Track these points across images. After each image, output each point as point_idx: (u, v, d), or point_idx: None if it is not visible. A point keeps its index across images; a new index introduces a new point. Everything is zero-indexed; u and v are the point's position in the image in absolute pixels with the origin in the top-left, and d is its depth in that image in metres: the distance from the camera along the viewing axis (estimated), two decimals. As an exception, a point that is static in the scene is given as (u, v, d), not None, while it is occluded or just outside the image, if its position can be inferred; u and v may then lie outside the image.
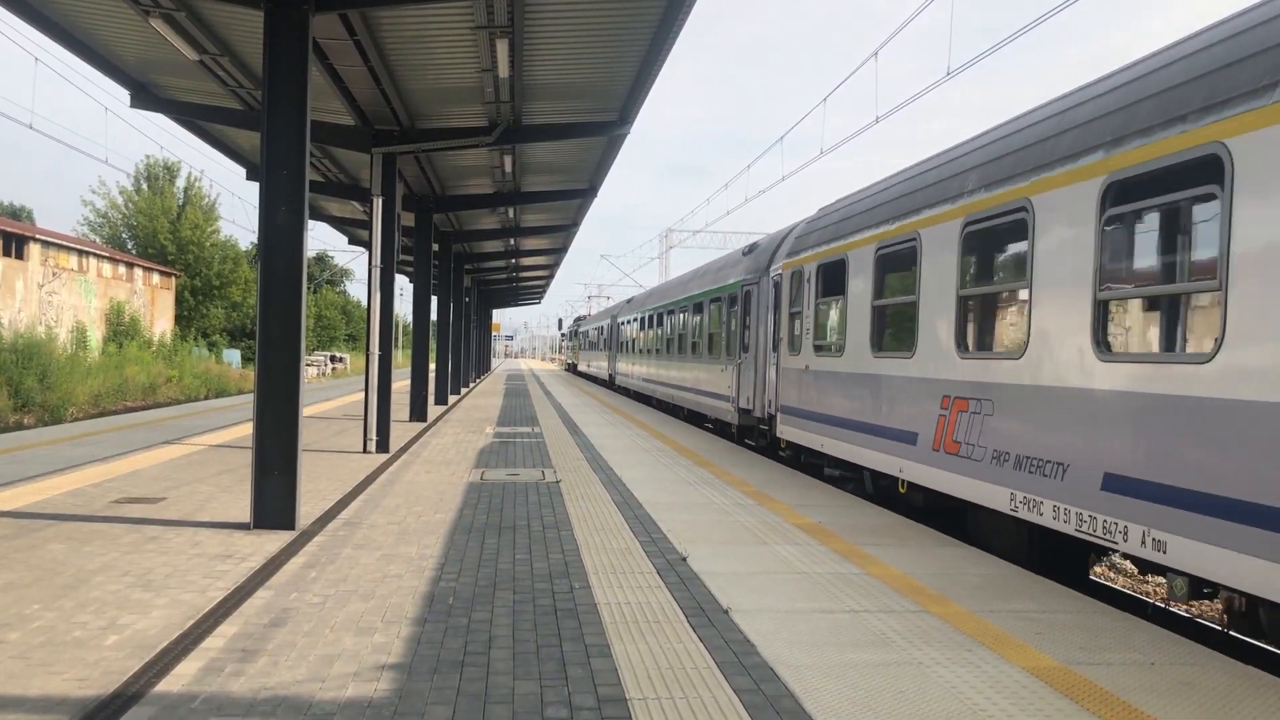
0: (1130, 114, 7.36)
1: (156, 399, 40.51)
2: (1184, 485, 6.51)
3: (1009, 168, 9.12)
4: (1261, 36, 6.24)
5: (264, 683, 5.11)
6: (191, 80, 14.60)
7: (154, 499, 10.84)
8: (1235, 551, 6.02)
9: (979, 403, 9.35)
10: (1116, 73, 8.25)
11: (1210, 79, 6.53)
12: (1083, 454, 7.68)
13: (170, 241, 70.25)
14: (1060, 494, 7.93)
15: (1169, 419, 6.73)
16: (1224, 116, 6.24)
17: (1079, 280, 7.84)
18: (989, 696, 5.06)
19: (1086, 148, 7.88)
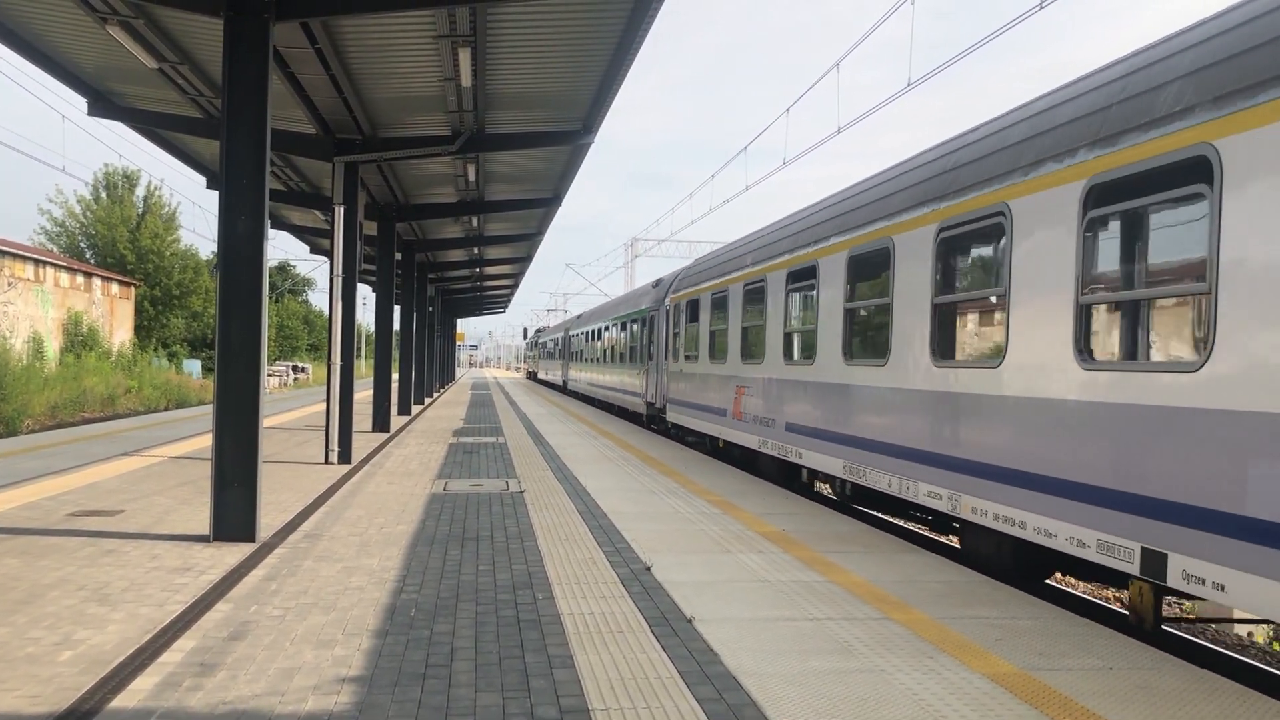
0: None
1: (116, 410, 39.97)
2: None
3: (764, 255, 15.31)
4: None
5: (222, 697, 5.05)
6: (150, 88, 14.46)
7: (111, 512, 10.70)
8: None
9: (750, 387, 15.44)
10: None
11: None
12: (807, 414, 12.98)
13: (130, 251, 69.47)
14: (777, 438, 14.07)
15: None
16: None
17: (834, 314, 12.13)
18: (950, 703, 5.09)
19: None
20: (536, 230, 30.64)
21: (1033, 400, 7.84)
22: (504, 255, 37.84)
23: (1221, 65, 6.26)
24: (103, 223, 70.45)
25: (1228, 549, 5.76)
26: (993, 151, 8.89)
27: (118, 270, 67.20)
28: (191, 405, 43.63)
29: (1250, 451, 5.68)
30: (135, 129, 16.89)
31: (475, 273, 44.03)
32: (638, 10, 11.38)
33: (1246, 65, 6.02)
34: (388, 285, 23.04)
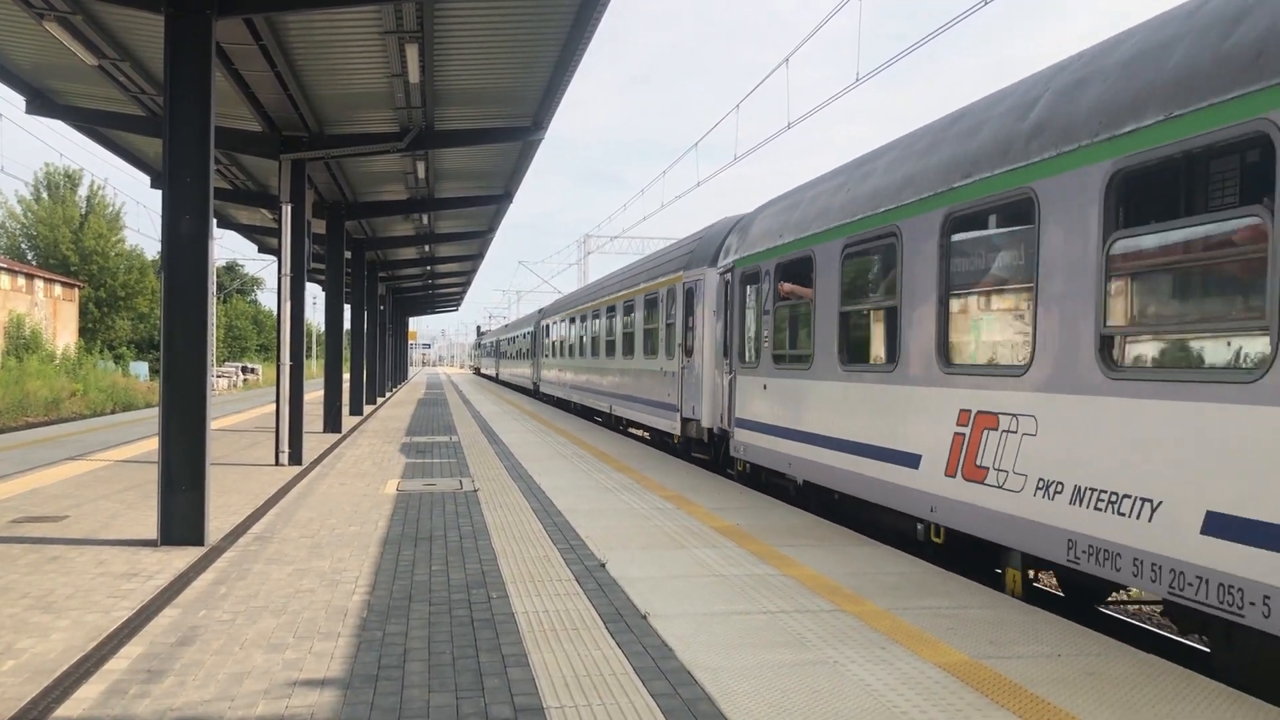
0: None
1: (60, 414, 39.22)
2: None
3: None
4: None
5: (170, 704, 4.97)
6: (91, 86, 14.20)
7: (56, 517, 10.50)
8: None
9: None
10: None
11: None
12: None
13: (73, 252, 68.33)
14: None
15: None
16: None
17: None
18: (902, 693, 5.13)
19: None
20: (488, 228, 30.50)
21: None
22: (455, 253, 37.63)
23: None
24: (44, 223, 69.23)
25: None
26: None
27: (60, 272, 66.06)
28: (139, 408, 42.94)
29: None
30: (76, 127, 16.59)
31: (427, 270, 43.76)
32: (585, 6, 11.36)
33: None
34: (337, 284, 22.83)
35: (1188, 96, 5.88)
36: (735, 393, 14.30)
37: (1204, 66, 5.84)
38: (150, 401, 45.56)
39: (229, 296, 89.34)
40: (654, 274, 20.29)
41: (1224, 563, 5.48)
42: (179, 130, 9.19)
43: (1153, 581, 6.02)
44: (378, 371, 37.23)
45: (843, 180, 11.32)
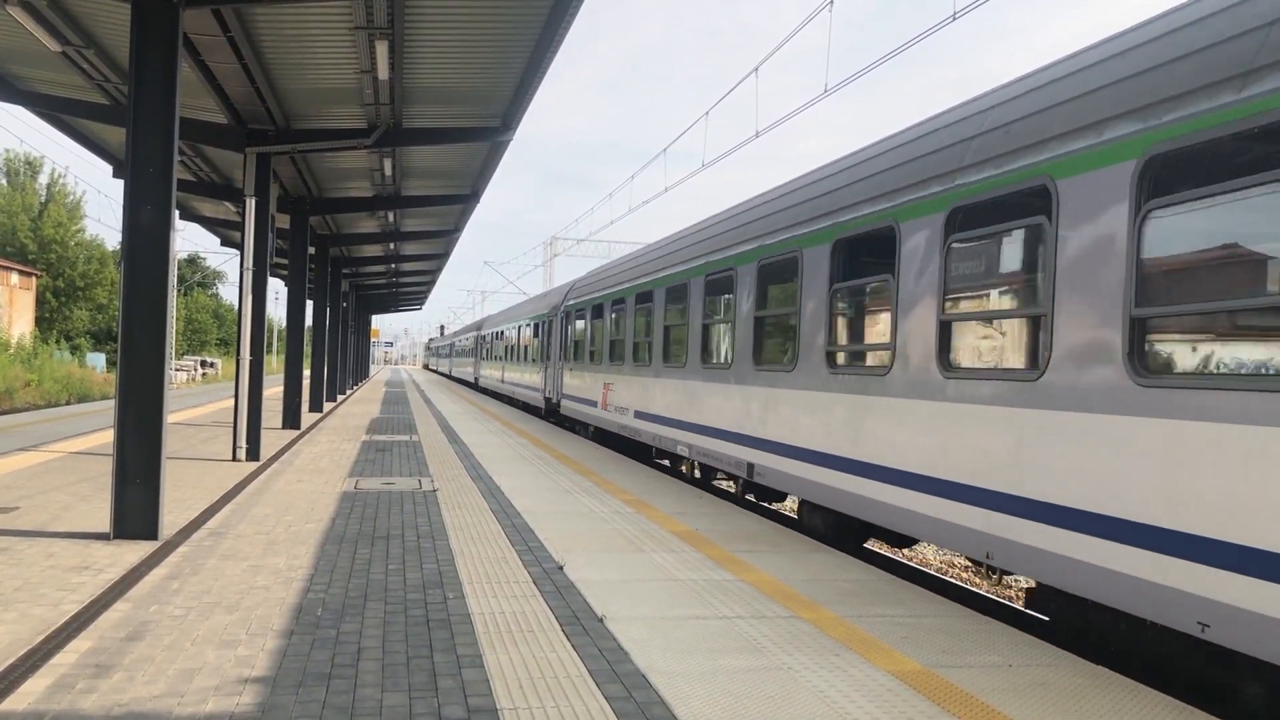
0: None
1: (14, 404, 38.64)
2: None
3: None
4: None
5: (118, 699, 4.92)
6: (54, 72, 14.01)
7: (6, 509, 10.34)
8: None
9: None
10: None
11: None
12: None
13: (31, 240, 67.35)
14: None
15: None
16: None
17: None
18: (855, 700, 5.17)
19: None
20: (454, 227, 30.36)
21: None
22: (421, 251, 37.45)
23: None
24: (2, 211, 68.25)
25: None
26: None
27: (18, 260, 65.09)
28: (95, 399, 42.40)
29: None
30: (38, 114, 16.33)
31: (391, 269, 43.50)
32: (558, 7, 11.35)
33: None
34: (300, 280, 22.67)
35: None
36: (561, 378, 25.48)
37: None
38: (107, 393, 44.98)
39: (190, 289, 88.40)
40: (531, 310, 32.88)
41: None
42: (143, 120, 9.10)
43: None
44: (339, 369, 36.96)
45: (600, 276, 22.08)
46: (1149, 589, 5.76)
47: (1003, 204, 7.44)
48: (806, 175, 11.93)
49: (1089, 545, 6.26)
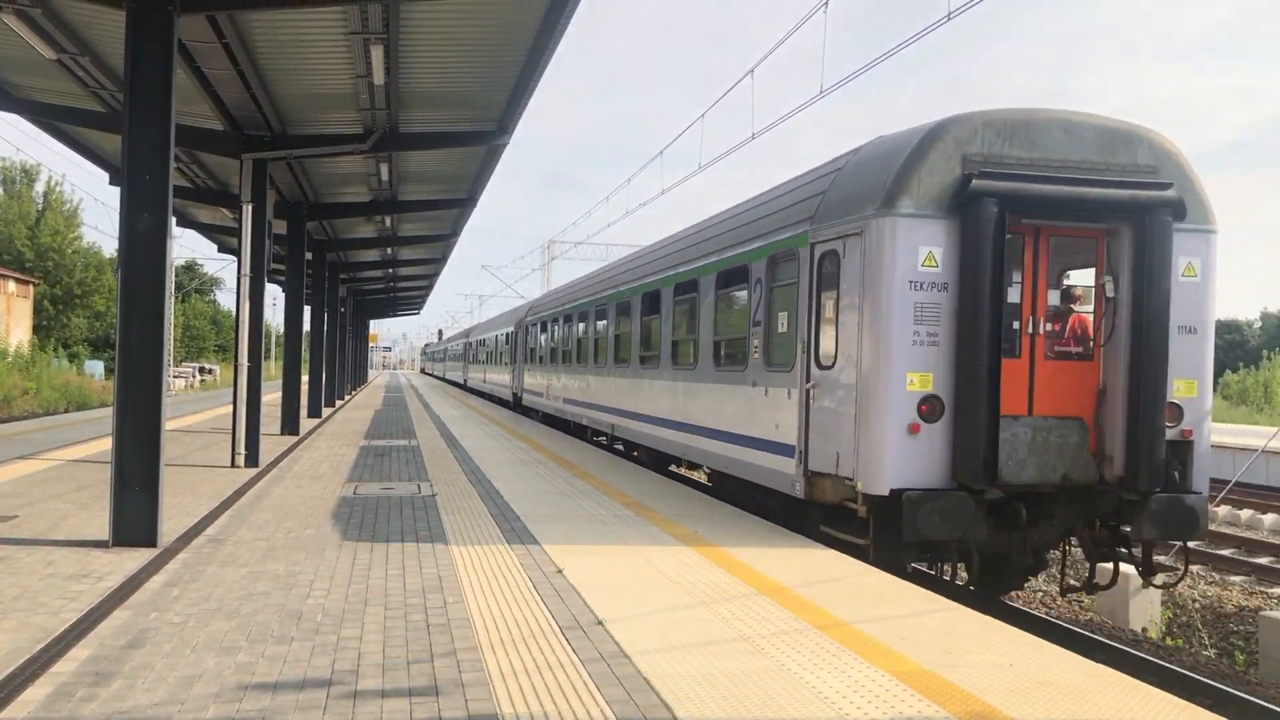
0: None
1: (12, 412, 38.59)
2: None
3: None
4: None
5: (118, 707, 4.91)
6: (50, 80, 14.00)
7: (5, 517, 10.34)
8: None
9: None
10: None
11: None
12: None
13: (28, 248, 67.27)
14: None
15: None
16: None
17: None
18: (856, 701, 5.17)
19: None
20: (451, 231, 30.37)
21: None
22: (418, 256, 37.45)
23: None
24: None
25: None
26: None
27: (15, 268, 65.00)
28: (93, 407, 42.35)
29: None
30: (34, 122, 16.34)
31: (389, 273, 43.48)
32: (553, 10, 11.35)
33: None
34: (298, 285, 22.66)
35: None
36: (523, 377, 32.71)
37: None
38: (105, 401, 44.89)
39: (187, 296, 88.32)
40: (503, 323, 40.18)
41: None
42: (139, 127, 9.10)
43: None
44: (337, 374, 36.95)
45: (547, 299, 29.53)
46: (733, 459, 12.72)
47: (726, 276, 13.41)
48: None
49: (725, 449, 12.99)
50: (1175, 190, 9.43)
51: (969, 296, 9.15)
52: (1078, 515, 9.95)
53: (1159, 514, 9.36)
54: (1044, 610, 13.20)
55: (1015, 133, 9.52)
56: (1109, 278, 9.73)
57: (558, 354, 25.53)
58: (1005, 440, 9.22)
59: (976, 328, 9.06)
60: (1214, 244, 9.90)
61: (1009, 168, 9.33)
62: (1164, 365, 9.33)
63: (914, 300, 9.22)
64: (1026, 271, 9.72)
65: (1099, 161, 9.56)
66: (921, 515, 8.91)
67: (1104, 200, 9.34)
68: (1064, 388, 9.71)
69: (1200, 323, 9.84)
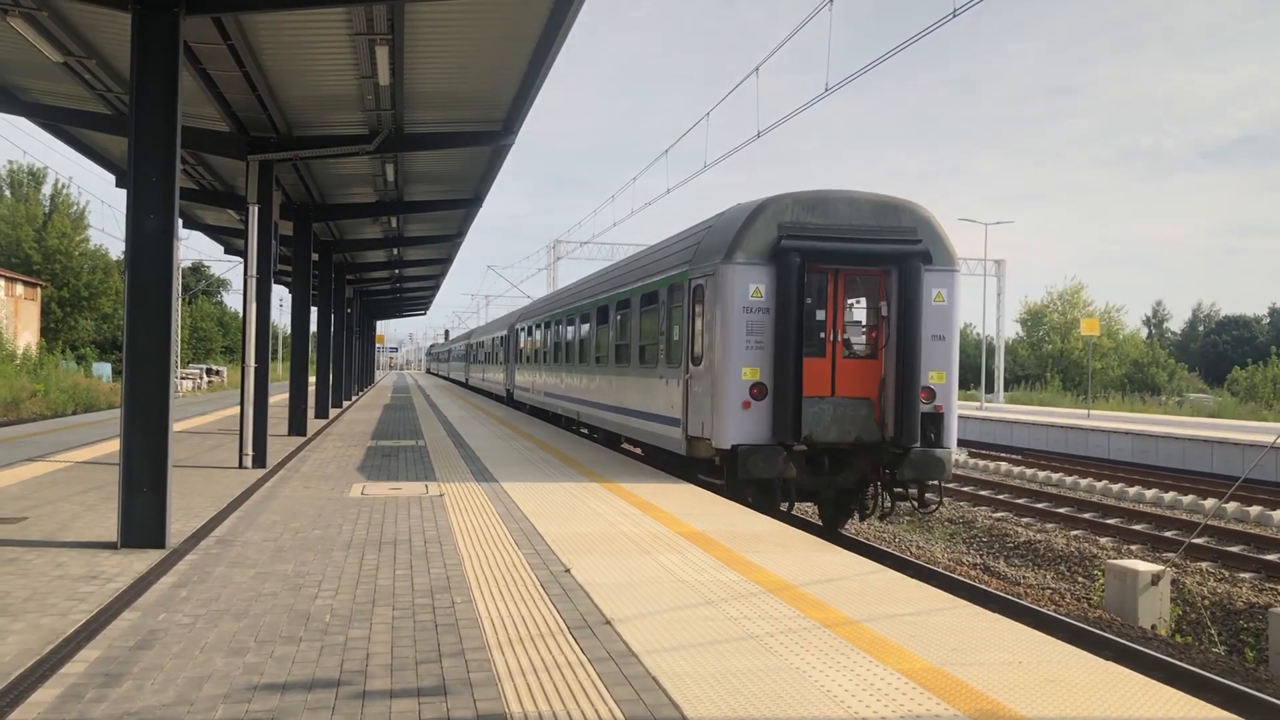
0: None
1: (20, 414, 38.68)
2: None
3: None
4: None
5: (127, 708, 4.92)
6: (56, 83, 14.04)
7: (14, 519, 10.36)
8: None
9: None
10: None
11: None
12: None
13: (35, 250, 67.47)
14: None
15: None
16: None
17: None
18: (865, 700, 5.16)
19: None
20: (457, 232, 30.40)
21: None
22: (424, 256, 37.49)
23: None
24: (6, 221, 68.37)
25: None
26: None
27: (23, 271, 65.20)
28: (101, 409, 42.41)
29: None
30: (41, 125, 16.40)
31: (395, 274, 43.54)
32: (557, 10, 11.36)
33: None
34: (304, 286, 22.67)
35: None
36: (514, 375, 37.01)
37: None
38: (113, 403, 45.02)
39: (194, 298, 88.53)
40: (498, 327, 45.92)
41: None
42: (145, 129, 9.11)
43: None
44: (344, 374, 37.00)
45: (531, 308, 36.22)
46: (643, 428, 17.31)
47: (646, 298, 17.41)
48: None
49: (644, 424, 17.13)
50: (925, 244, 13.48)
51: (781, 317, 13.20)
52: (869, 465, 14.02)
53: (916, 461, 13.47)
54: (1052, 608, 13.19)
55: (814, 206, 13.63)
56: (884, 303, 13.74)
57: (539, 355, 30.54)
58: (814, 413, 13.44)
59: (787, 337, 13.13)
60: (957, 279, 14.00)
61: (809, 231, 13.41)
62: (920, 362, 13.34)
63: (746, 319, 13.42)
64: (829, 299, 13.90)
65: (874, 225, 13.57)
66: (750, 461, 13.17)
67: (877, 252, 13.46)
68: (856, 377, 13.88)
69: (948, 332, 13.90)
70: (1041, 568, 16.41)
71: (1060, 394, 63.78)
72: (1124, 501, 23.11)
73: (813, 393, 13.42)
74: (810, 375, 13.41)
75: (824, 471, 13.86)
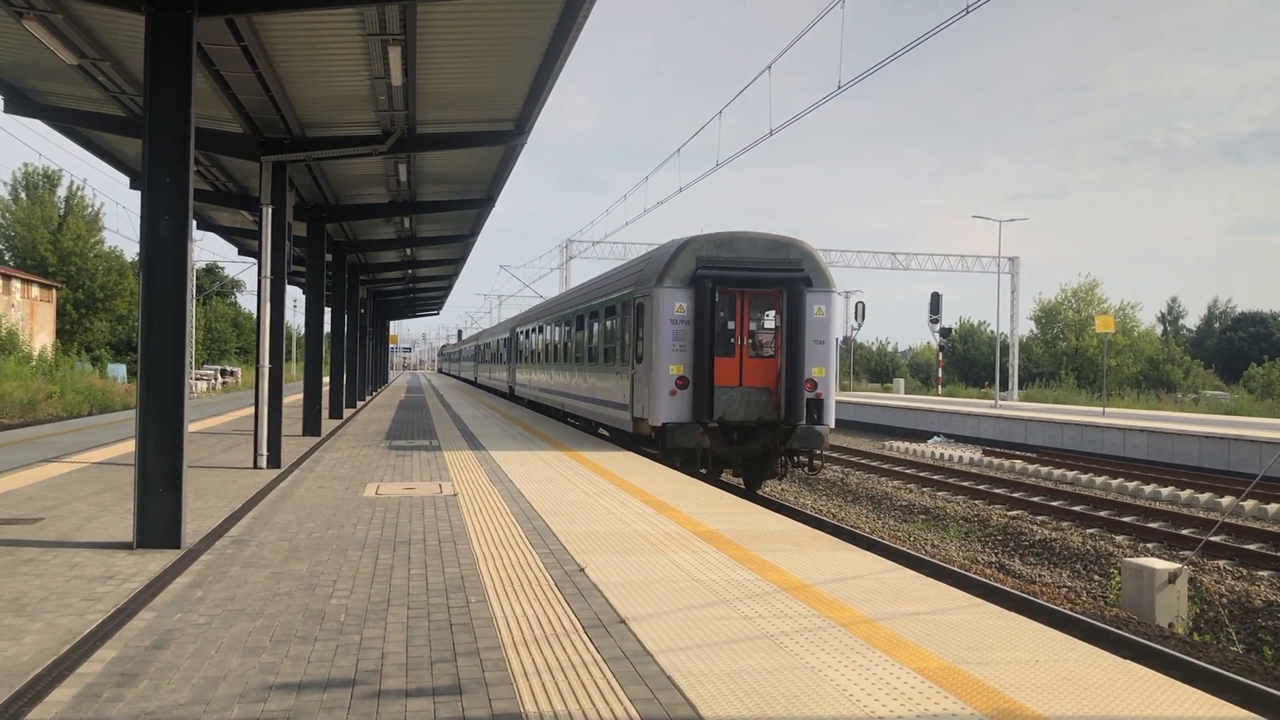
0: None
1: (36, 416, 38.89)
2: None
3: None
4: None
5: (143, 707, 4.93)
6: (71, 85, 14.10)
7: (30, 519, 10.41)
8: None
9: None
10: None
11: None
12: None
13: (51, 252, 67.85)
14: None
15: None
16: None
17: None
18: (880, 699, 5.14)
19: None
20: (470, 231, 30.43)
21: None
22: (437, 256, 37.54)
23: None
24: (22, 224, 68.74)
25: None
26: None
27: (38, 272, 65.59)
28: (116, 410, 42.60)
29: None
30: (55, 127, 16.47)
31: (408, 274, 43.59)
32: (569, 9, 11.35)
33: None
34: (318, 287, 22.71)
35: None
36: (515, 373, 41.69)
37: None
38: (128, 404, 45.24)
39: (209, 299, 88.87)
40: (501, 330, 51.26)
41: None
42: (159, 131, 9.14)
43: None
44: (358, 375, 37.09)
45: (527, 314, 40.51)
46: (608, 413, 21.93)
47: (608, 310, 21.82)
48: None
49: (605, 410, 22.09)
50: (807, 272, 17.80)
51: (698, 327, 17.62)
52: (769, 438, 18.12)
53: (802, 435, 17.70)
54: (1069, 606, 13.13)
55: (723, 244, 18.00)
56: (779, 316, 17.96)
57: (534, 356, 35.32)
58: (725, 398, 17.78)
59: (702, 342, 17.57)
60: (833, 298, 18.27)
61: (719, 263, 17.77)
62: (804, 360, 17.64)
63: (673, 329, 17.73)
64: (738, 314, 18.17)
65: (769, 258, 17.87)
66: (675, 435, 17.65)
67: (770, 278, 17.83)
68: (758, 372, 18.11)
69: (826, 338, 18.01)
70: (1057, 566, 16.34)
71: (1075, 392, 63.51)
72: (1140, 499, 23.01)
73: (724, 383, 17.73)
74: (722, 370, 17.70)
75: (734, 443, 18.03)
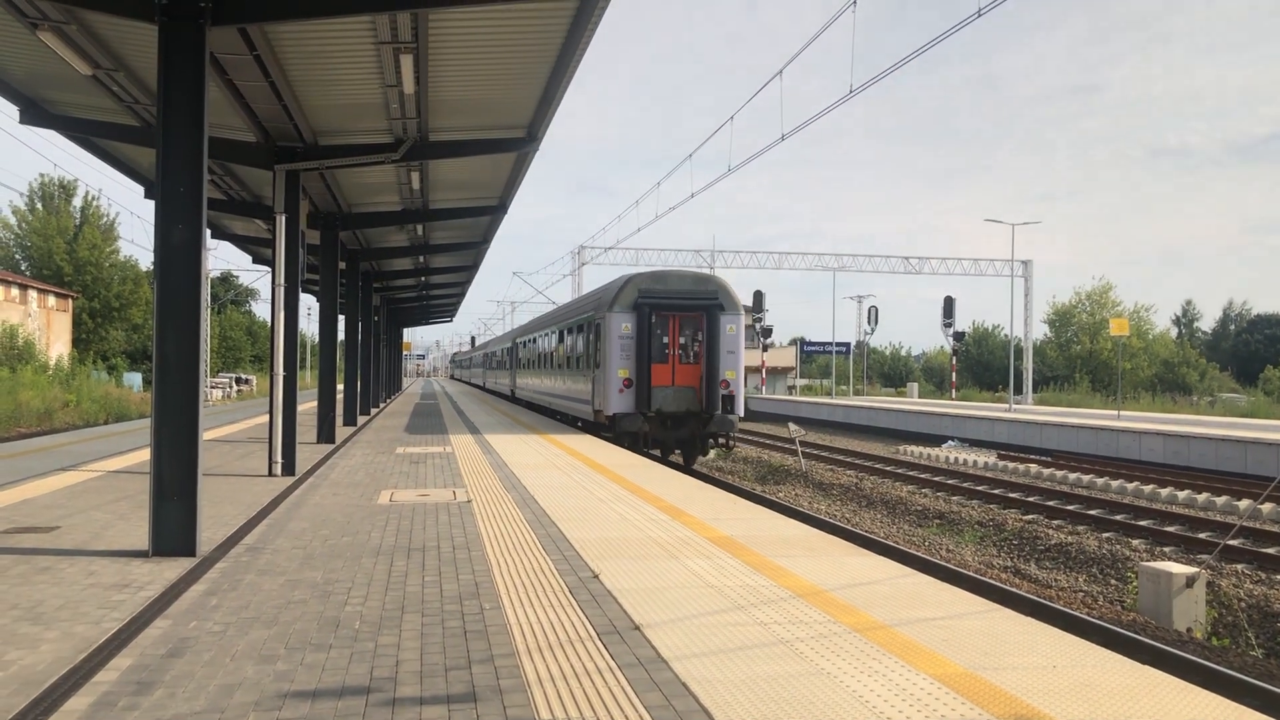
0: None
1: (53, 425, 39.09)
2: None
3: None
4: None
5: (159, 715, 4.94)
6: (85, 95, 14.18)
7: (46, 528, 10.45)
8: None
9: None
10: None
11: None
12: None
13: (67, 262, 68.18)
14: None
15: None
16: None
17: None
18: (896, 705, 5.11)
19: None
20: (482, 238, 30.48)
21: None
22: (450, 263, 37.62)
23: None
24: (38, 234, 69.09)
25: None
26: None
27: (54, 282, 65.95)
28: (132, 419, 42.81)
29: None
30: (70, 137, 16.55)
31: (421, 281, 43.68)
32: (580, 16, 11.37)
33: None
34: (331, 295, 22.80)
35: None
36: (516, 379, 48.04)
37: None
38: (143, 412, 45.44)
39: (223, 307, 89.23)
40: (504, 340, 57.78)
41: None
42: (172, 140, 9.18)
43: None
44: (372, 382, 37.16)
45: (527, 326, 47.09)
46: (576, 405, 28.41)
47: (579, 327, 28.13)
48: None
49: (577, 405, 28.25)
50: (720, 300, 23.43)
51: (640, 342, 23.07)
52: (694, 424, 23.64)
53: (717, 421, 23.27)
54: (1085, 611, 13.05)
55: (658, 279, 23.91)
56: (701, 333, 23.39)
57: (530, 363, 41.42)
58: (661, 395, 23.27)
59: (643, 353, 23.08)
60: (740, 319, 23.60)
61: (655, 294, 23.43)
62: (719, 366, 23.12)
63: (621, 344, 23.17)
64: (671, 331, 23.44)
65: (693, 289, 23.71)
66: (622, 422, 23.00)
67: (694, 305, 23.43)
68: (686, 375, 23.56)
69: (735, 350, 23.49)
70: (1073, 570, 16.25)
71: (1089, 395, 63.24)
72: (1156, 503, 22.87)
73: (660, 383, 23.33)
74: (658, 373, 23.33)
75: (668, 429, 23.70)
